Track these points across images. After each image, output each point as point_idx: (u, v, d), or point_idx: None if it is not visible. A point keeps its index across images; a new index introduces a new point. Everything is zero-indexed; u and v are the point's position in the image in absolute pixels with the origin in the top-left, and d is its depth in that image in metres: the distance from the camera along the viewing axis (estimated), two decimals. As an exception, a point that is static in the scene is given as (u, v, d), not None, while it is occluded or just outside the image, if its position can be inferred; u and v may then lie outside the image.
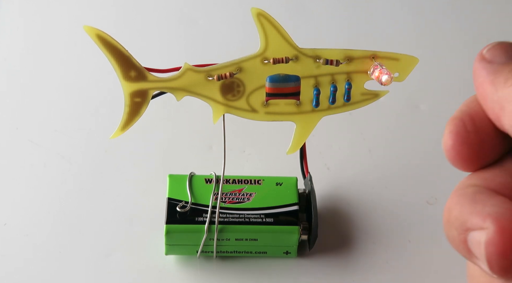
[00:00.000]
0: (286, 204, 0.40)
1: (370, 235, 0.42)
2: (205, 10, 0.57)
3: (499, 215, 0.23)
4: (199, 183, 0.40)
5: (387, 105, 0.48)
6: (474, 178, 0.25)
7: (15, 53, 0.53)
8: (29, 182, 0.44)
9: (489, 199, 0.24)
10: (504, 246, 0.22)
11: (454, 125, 0.25)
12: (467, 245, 0.24)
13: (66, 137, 0.47)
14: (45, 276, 0.40)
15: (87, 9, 0.57)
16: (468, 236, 0.23)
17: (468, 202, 0.24)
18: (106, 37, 0.32)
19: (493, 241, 0.22)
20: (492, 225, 0.22)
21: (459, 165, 0.25)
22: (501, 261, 0.22)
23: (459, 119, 0.25)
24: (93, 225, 0.42)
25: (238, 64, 0.34)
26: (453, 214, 0.24)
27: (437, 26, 0.57)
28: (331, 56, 0.34)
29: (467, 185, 0.25)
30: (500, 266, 0.23)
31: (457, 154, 0.25)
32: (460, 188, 0.25)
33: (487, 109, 0.25)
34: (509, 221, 0.22)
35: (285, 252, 0.40)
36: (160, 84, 0.34)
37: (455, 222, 0.24)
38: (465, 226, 0.23)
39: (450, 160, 0.25)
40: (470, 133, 0.25)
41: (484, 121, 0.25)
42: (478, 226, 0.23)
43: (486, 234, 0.23)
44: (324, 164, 0.46)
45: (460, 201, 0.24)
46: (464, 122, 0.25)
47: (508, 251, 0.22)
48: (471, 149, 0.25)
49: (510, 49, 0.25)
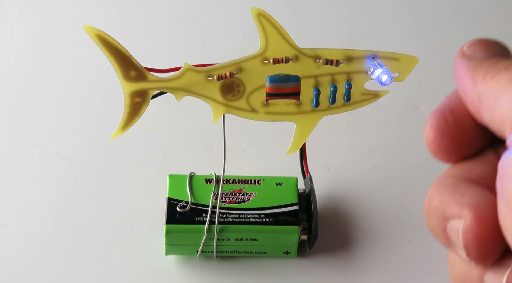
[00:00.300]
0: (286, 204, 0.40)
1: (370, 235, 0.42)
2: (205, 10, 0.57)
3: (476, 204, 0.24)
4: (199, 183, 0.40)
5: (387, 105, 0.48)
6: (454, 169, 0.26)
7: (15, 53, 0.53)
8: (29, 182, 0.44)
9: (468, 189, 0.25)
10: (480, 234, 0.23)
11: (436, 118, 0.26)
12: (446, 234, 0.25)
13: (66, 137, 0.47)
14: (45, 276, 0.40)
15: (87, 9, 0.57)
16: (447, 225, 0.24)
17: (447, 192, 0.25)
18: (106, 37, 0.32)
19: (470, 229, 0.23)
20: (469, 213, 0.23)
21: (440, 157, 0.26)
22: (478, 248, 0.23)
23: (440, 113, 0.26)
24: (93, 225, 0.42)
25: (238, 64, 0.34)
26: (433, 203, 0.25)
27: (437, 26, 0.57)
28: (331, 56, 0.34)
29: (447, 176, 0.26)
30: (477, 253, 0.23)
31: (438, 146, 0.26)
32: (440, 179, 0.26)
33: (467, 103, 0.25)
34: (485, 209, 0.23)
35: (285, 252, 0.40)
36: (160, 84, 0.34)
37: (435, 211, 0.25)
38: (444, 215, 0.24)
39: (431, 152, 0.26)
40: (451, 126, 0.26)
41: (464, 115, 0.26)
42: (457, 215, 0.24)
43: (464, 222, 0.23)
44: (324, 164, 0.46)
45: (440, 191, 0.25)
46: (445, 115, 0.26)
47: (484, 238, 0.23)
48: (452, 142, 0.26)
49: (490, 46, 0.26)
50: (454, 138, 0.26)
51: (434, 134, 0.26)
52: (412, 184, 0.45)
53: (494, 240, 0.23)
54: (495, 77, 0.24)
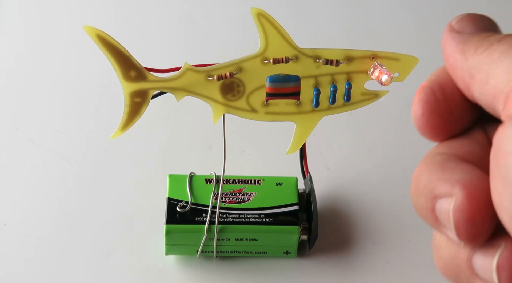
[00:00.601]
0: (286, 204, 0.40)
1: (370, 235, 0.42)
2: (205, 10, 0.57)
3: (468, 182, 0.23)
4: (199, 183, 0.40)
5: (387, 105, 0.48)
6: (442, 147, 0.25)
7: (15, 53, 0.53)
8: (29, 182, 0.44)
9: (458, 167, 0.23)
10: (472, 212, 0.22)
11: (424, 93, 0.25)
12: (434, 214, 0.24)
13: (66, 137, 0.47)
14: (45, 276, 0.40)
15: (87, 9, 0.57)
16: (436, 204, 0.23)
17: (436, 169, 0.24)
18: (106, 37, 0.32)
19: (461, 208, 0.22)
20: (461, 191, 0.22)
21: (427, 134, 0.25)
22: (469, 227, 0.22)
23: (429, 88, 0.25)
24: (93, 225, 0.42)
25: (238, 64, 0.34)
26: (421, 182, 0.24)
27: (437, 26, 0.57)
28: (331, 56, 0.34)
29: (436, 154, 0.25)
30: (468, 232, 0.22)
31: (426, 123, 0.25)
32: (428, 157, 0.25)
33: (457, 79, 0.24)
34: (477, 187, 0.22)
35: (285, 252, 0.40)
36: (160, 84, 0.34)
37: (423, 190, 0.24)
38: (433, 194, 0.23)
39: (419, 129, 0.25)
40: (440, 102, 0.25)
41: (453, 91, 0.25)
42: (447, 193, 0.23)
43: (455, 201, 0.22)
44: (324, 164, 0.46)
45: (428, 169, 0.24)
46: (434, 91, 0.25)
47: (476, 217, 0.22)
48: (440, 118, 0.25)
49: (479, 21, 0.25)
50: (443, 114, 0.25)
51: (422, 109, 0.25)
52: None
53: (485, 219, 0.22)
54: (487, 50, 0.23)
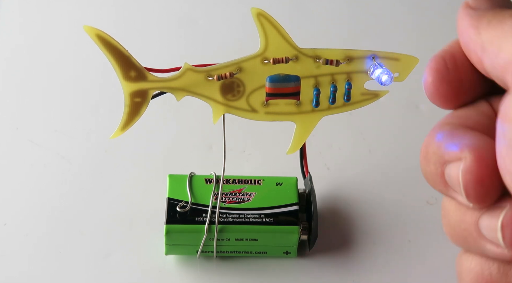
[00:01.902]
0: (286, 204, 0.40)
1: (370, 235, 0.42)
2: (205, 10, 0.57)
3: (476, 146, 0.24)
4: (199, 183, 0.40)
5: (387, 105, 0.48)
6: (450, 117, 0.26)
7: (15, 53, 0.53)
8: (29, 182, 0.44)
9: (466, 133, 0.25)
10: (481, 174, 0.23)
11: (436, 62, 0.26)
12: (444, 179, 0.25)
13: (66, 137, 0.47)
14: (45, 276, 0.40)
15: (87, 9, 0.57)
16: (445, 169, 0.25)
17: (445, 136, 0.25)
18: (106, 37, 0.32)
19: (470, 169, 0.23)
20: (470, 154, 0.24)
21: (437, 101, 0.26)
22: (478, 188, 0.24)
23: (440, 57, 0.26)
24: (93, 225, 0.42)
25: (238, 64, 0.34)
26: (431, 149, 0.25)
27: (437, 26, 0.57)
28: (331, 56, 0.34)
29: (444, 123, 0.26)
30: (477, 193, 0.24)
31: (436, 90, 0.26)
32: (437, 127, 0.26)
33: (470, 54, 0.25)
34: (485, 150, 0.24)
35: (285, 252, 0.40)
36: (160, 84, 0.34)
37: (432, 156, 0.25)
38: (443, 159, 0.25)
39: (428, 96, 0.26)
40: (450, 71, 0.26)
41: (464, 62, 0.26)
42: (456, 157, 0.24)
43: (464, 163, 0.24)
44: (324, 164, 0.46)
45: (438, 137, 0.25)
46: (445, 60, 0.26)
47: (484, 178, 0.23)
48: (450, 86, 0.26)
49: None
50: (452, 83, 0.26)
51: (433, 77, 0.26)
52: (412, 184, 0.45)
53: (493, 180, 0.23)
54: (499, 23, 0.24)
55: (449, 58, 0.26)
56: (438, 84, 0.26)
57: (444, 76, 0.26)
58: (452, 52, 0.26)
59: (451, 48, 0.26)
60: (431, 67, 0.26)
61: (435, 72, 0.26)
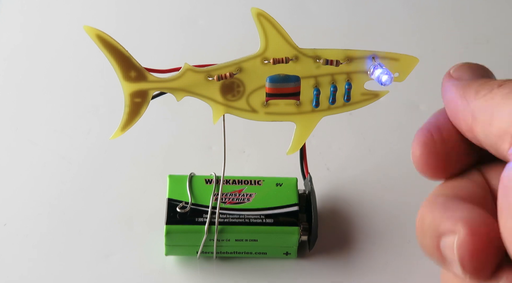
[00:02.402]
0: (286, 205, 0.40)
1: (370, 236, 0.42)
2: (205, 10, 0.57)
3: (469, 219, 0.24)
4: (199, 183, 0.40)
5: (387, 105, 0.48)
6: (443, 188, 0.27)
7: (15, 53, 0.53)
8: (29, 182, 0.44)
9: (459, 206, 0.25)
10: (475, 247, 0.24)
11: (422, 135, 0.27)
12: (440, 251, 0.25)
13: (66, 137, 0.47)
14: (45, 276, 0.40)
15: (87, 9, 0.57)
16: (441, 241, 0.25)
17: (439, 209, 0.25)
18: (106, 37, 0.32)
19: (464, 243, 0.24)
20: (463, 228, 0.24)
21: (427, 173, 0.27)
22: (473, 262, 0.24)
23: (426, 130, 0.27)
24: (93, 225, 0.42)
25: (238, 64, 0.34)
26: (426, 222, 0.25)
27: (437, 26, 0.57)
28: (331, 56, 0.34)
29: (438, 195, 0.26)
30: (473, 267, 0.24)
31: (425, 163, 0.26)
32: (431, 198, 0.26)
33: (459, 122, 0.26)
34: (478, 224, 0.24)
35: (285, 253, 0.40)
36: (160, 85, 0.34)
37: (428, 229, 0.25)
38: (438, 232, 0.25)
39: (418, 169, 0.27)
40: (437, 144, 0.26)
41: (451, 133, 0.26)
42: (450, 230, 0.24)
43: (458, 237, 0.24)
44: (324, 165, 0.46)
45: (432, 209, 0.25)
46: (431, 133, 0.26)
47: (479, 252, 0.24)
48: (438, 159, 0.26)
49: (475, 68, 0.27)
50: (440, 156, 0.26)
51: (420, 151, 0.26)
52: (412, 184, 0.45)
53: (489, 253, 0.24)
54: (488, 93, 0.24)
55: (435, 130, 0.26)
56: (426, 157, 0.26)
57: (431, 149, 0.26)
58: (437, 124, 0.27)
59: (436, 120, 0.27)
60: (418, 141, 0.26)
61: (422, 145, 0.26)
